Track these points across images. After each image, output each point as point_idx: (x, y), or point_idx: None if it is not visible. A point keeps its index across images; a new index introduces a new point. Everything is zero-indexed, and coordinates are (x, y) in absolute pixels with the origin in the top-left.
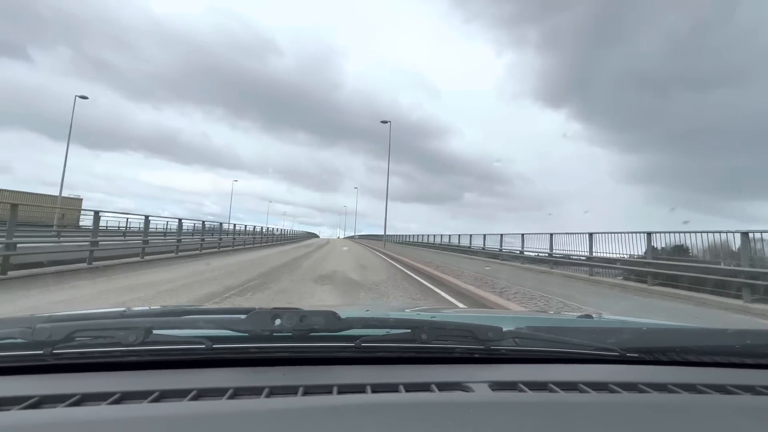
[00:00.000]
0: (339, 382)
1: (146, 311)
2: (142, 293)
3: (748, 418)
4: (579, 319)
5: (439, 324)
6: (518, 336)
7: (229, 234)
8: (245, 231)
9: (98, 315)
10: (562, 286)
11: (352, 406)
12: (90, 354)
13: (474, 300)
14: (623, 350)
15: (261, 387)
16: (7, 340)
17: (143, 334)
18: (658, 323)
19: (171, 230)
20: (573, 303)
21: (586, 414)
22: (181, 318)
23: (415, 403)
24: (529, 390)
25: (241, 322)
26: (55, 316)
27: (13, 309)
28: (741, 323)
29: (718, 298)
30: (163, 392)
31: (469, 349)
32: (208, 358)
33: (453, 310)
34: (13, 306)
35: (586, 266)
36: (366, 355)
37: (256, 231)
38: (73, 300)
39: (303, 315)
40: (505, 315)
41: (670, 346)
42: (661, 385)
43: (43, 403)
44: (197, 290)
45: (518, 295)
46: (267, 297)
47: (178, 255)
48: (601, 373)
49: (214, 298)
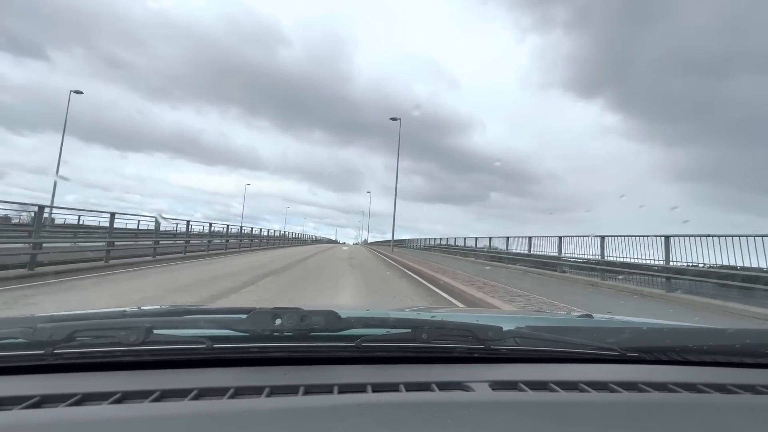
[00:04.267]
0: (339, 381)
1: (147, 311)
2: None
3: (749, 418)
4: (579, 318)
5: (439, 324)
6: (518, 335)
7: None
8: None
9: (99, 315)
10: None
11: (353, 406)
12: (91, 354)
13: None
14: (623, 350)
15: (262, 387)
16: (8, 339)
17: (144, 333)
18: (658, 323)
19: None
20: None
21: (587, 413)
22: (182, 318)
23: (416, 402)
24: (530, 389)
25: (241, 321)
26: (56, 315)
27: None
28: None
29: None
30: (164, 392)
31: (470, 348)
32: (208, 357)
33: (453, 310)
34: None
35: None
36: (366, 355)
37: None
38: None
39: (303, 315)
40: (505, 315)
41: (670, 346)
42: (661, 384)
43: (44, 402)
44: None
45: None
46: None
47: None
48: (601, 372)
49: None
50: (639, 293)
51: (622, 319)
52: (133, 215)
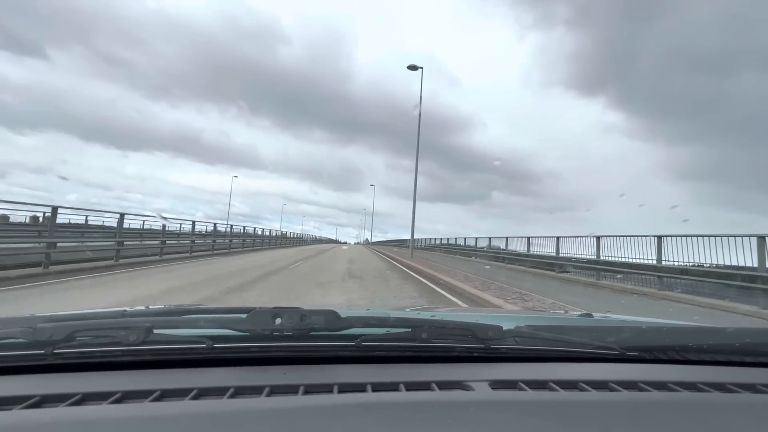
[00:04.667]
0: (339, 381)
1: (147, 311)
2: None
3: (748, 417)
4: (579, 317)
5: (439, 323)
6: (518, 335)
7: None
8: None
9: (99, 315)
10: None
11: (353, 405)
12: (91, 353)
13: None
14: (623, 349)
15: (262, 386)
16: (9, 339)
17: (144, 333)
18: (657, 322)
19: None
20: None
21: (587, 412)
22: (182, 317)
23: (416, 402)
24: (530, 389)
25: (241, 321)
26: (56, 315)
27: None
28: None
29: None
30: (164, 392)
31: (469, 348)
32: (208, 357)
33: (453, 309)
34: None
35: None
36: (366, 354)
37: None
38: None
39: (303, 314)
40: (505, 314)
41: (670, 345)
42: (661, 383)
43: (44, 402)
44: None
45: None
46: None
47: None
48: (601, 371)
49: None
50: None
51: (622, 318)
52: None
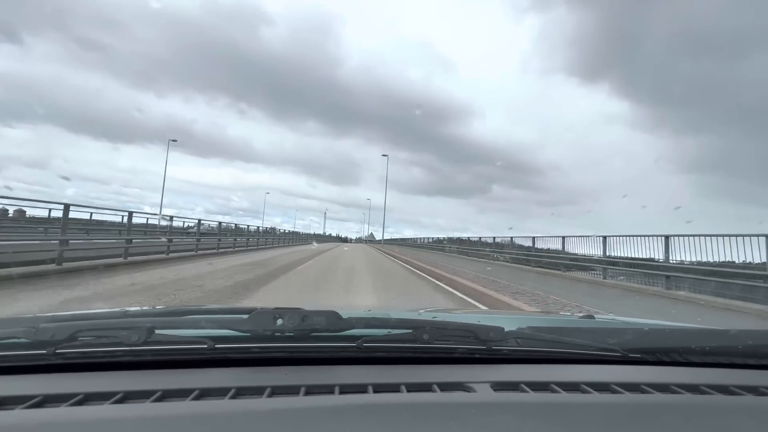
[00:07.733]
0: (341, 382)
1: (148, 311)
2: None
3: (751, 419)
4: (581, 319)
5: (440, 324)
6: (520, 336)
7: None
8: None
9: (101, 315)
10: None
11: (354, 406)
12: (93, 354)
13: None
14: (625, 351)
15: (263, 387)
16: (11, 339)
17: (146, 333)
18: (660, 324)
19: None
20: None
21: (589, 414)
22: (183, 318)
23: (417, 403)
24: (531, 390)
25: (243, 321)
26: (58, 315)
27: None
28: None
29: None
30: (166, 392)
31: (471, 349)
32: (210, 357)
33: (455, 311)
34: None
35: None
36: (368, 355)
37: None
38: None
39: (305, 315)
40: (506, 315)
41: (673, 347)
42: (663, 385)
43: (46, 402)
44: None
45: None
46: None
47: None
48: (603, 373)
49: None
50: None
51: (624, 319)
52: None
